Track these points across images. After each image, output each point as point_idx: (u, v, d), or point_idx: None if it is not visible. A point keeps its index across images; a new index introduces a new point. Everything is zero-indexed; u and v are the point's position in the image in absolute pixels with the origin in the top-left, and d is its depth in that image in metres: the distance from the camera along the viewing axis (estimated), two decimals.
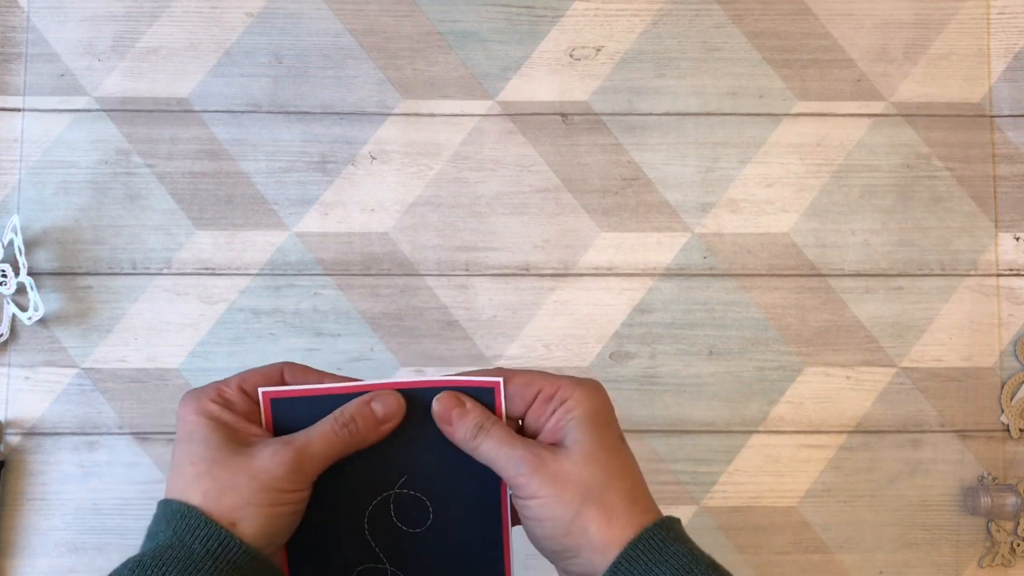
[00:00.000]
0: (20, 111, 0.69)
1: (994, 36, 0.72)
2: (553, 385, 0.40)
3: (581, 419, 0.38)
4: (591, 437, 0.38)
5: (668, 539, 0.37)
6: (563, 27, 0.71)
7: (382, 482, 0.43)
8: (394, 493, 0.43)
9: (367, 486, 0.43)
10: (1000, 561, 0.67)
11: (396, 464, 0.42)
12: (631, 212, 0.70)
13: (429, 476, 0.43)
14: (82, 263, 0.68)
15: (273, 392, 0.40)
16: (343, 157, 0.69)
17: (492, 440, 0.39)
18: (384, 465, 0.42)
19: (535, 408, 0.40)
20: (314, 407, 0.41)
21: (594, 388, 0.40)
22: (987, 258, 0.70)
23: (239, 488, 0.36)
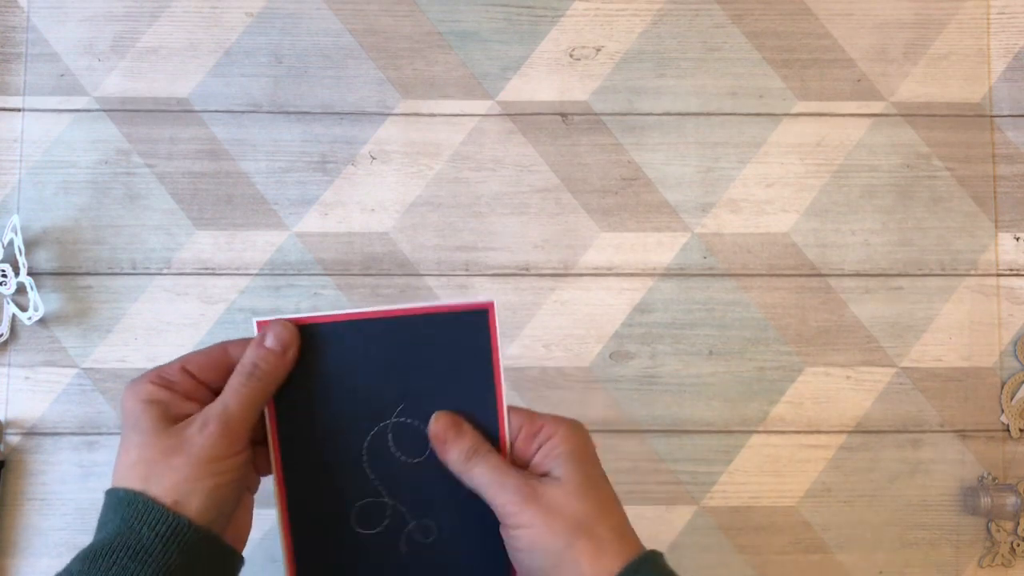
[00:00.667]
0: (20, 111, 0.69)
1: (994, 36, 0.72)
2: (536, 423, 0.40)
3: (567, 455, 0.39)
4: (580, 471, 0.39)
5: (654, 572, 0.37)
6: (563, 27, 0.71)
7: (379, 412, 0.43)
8: (392, 422, 0.43)
9: (364, 417, 0.42)
10: (1000, 561, 0.67)
11: (393, 392, 0.42)
12: (631, 212, 0.70)
13: (426, 403, 0.42)
14: (82, 263, 0.68)
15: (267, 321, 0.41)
16: (343, 157, 0.69)
17: (485, 466, 0.39)
18: (381, 394, 0.42)
19: (520, 443, 0.41)
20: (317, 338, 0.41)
21: (577, 426, 0.41)
22: (987, 258, 0.70)
23: (176, 467, 0.36)
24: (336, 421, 0.43)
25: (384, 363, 0.42)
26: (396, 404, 0.43)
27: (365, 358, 0.43)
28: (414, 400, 0.43)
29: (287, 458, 0.43)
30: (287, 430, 0.42)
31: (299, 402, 0.42)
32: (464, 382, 0.42)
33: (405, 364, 0.42)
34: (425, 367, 0.42)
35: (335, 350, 0.42)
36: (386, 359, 0.42)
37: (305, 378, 0.42)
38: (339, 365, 0.42)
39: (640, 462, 0.68)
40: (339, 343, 0.42)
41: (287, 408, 0.42)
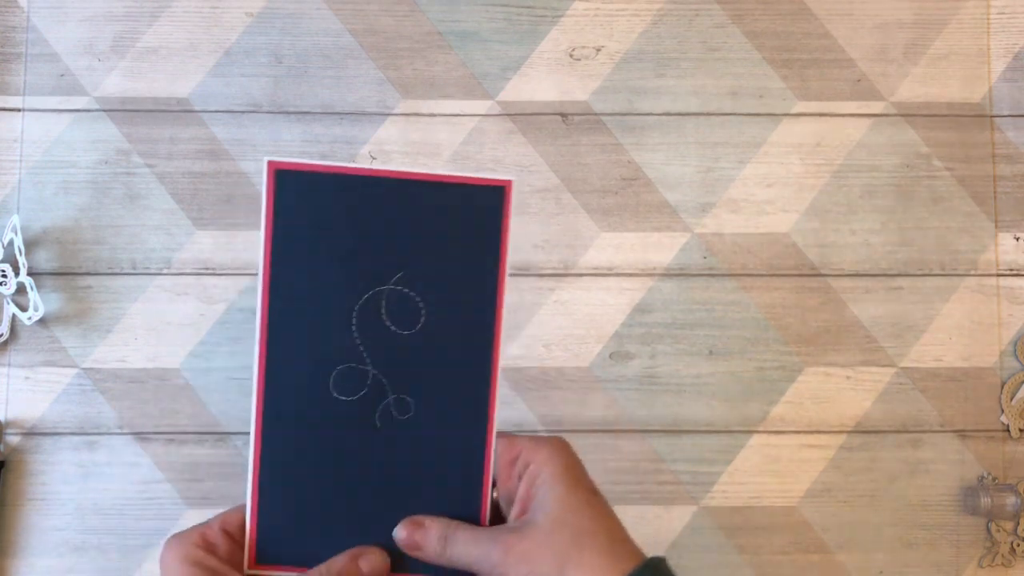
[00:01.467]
0: (20, 111, 0.69)
1: (994, 36, 0.72)
2: (514, 448, 0.40)
3: (549, 482, 0.38)
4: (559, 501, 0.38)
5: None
6: (563, 27, 0.71)
7: (377, 275, 0.41)
8: (387, 289, 0.42)
9: (361, 277, 0.41)
10: (1000, 561, 0.67)
11: (393, 259, 0.41)
12: (631, 212, 0.70)
13: (427, 276, 0.41)
14: (82, 263, 0.68)
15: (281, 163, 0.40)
16: (343, 157, 0.69)
17: (459, 544, 0.39)
18: (381, 258, 0.41)
19: (501, 473, 0.40)
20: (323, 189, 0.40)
21: (557, 446, 0.40)
22: (987, 258, 0.70)
23: None
24: (332, 276, 0.41)
25: (390, 227, 0.41)
26: (396, 271, 0.41)
27: (371, 218, 0.41)
28: (415, 271, 0.41)
29: (274, 303, 0.41)
30: (279, 274, 0.41)
31: (297, 249, 0.41)
32: (468, 263, 0.41)
33: (411, 232, 0.41)
34: (431, 239, 0.41)
35: (342, 203, 0.41)
36: (392, 223, 0.41)
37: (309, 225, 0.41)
38: (344, 220, 0.41)
39: (640, 462, 0.68)
40: (347, 197, 0.41)
41: (283, 253, 0.41)
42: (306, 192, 0.41)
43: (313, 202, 0.41)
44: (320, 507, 0.43)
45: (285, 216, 0.41)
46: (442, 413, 0.42)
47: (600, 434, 0.68)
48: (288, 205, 0.41)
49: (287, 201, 0.41)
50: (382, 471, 0.42)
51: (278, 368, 0.42)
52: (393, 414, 0.42)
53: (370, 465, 0.42)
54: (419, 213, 0.41)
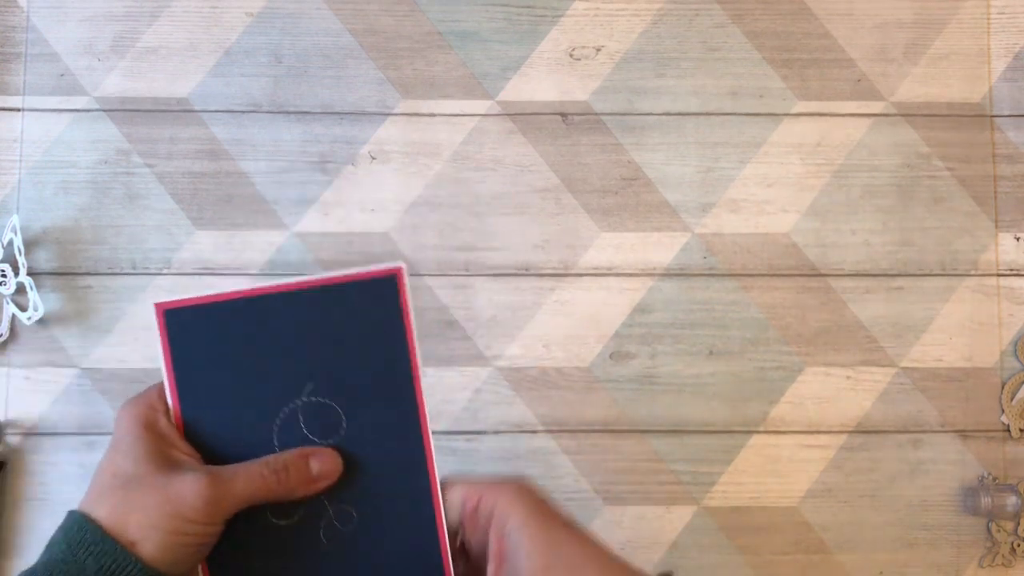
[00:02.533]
0: (20, 111, 0.69)
1: (994, 36, 0.72)
2: (473, 496, 0.38)
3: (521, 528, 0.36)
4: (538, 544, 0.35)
5: None
6: (563, 27, 0.71)
7: (286, 394, 0.40)
8: (301, 403, 0.40)
9: (272, 399, 0.40)
10: (1000, 561, 0.67)
11: (301, 372, 0.40)
12: (631, 212, 0.70)
13: (339, 381, 0.40)
14: (82, 263, 0.68)
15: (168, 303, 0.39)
16: (343, 157, 0.69)
17: None
18: (288, 374, 0.40)
19: (467, 523, 0.38)
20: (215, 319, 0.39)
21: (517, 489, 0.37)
22: (987, 258, 0.70)
23: (148, 509, 0.34)
24: (244, 402, 0.40)
25: (290, 341, 0.40)
26: (305, 383, 0.40)
27: (270, 335, 0.40)
28: (324, 378, 0.40)
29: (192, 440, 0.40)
30: (191, 410, 0.40)
31: (205, 382, 0.40)
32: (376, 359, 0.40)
33: (312, 340, 0.40)
34: (335, 343, 0.40)
35: (238, 330, 0.40)
36: (292, 336, 0.40)
37: (209, 357, 0.40)
38: (243, 345, 0.40)
39: (640, 462, 0.68)
40: (242, 322, 0.40)
41: (191, 389, 0.40)
42: (200, 326, 0.40)
43: (209, 334, 0.40)
44: None
45: (184, 353, 0.40)
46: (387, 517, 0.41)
47: (600, 434, 0.68)
48: (185, 342, 0.40)
49: (183, 338, 0.40)
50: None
51: None
52: (337, 527, 0.41)
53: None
54: (317, 320, 0.40)
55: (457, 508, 0.38)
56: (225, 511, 0.36)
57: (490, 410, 0.68)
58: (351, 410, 0.41)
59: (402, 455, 0.41)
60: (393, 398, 0.41)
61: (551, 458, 0.67)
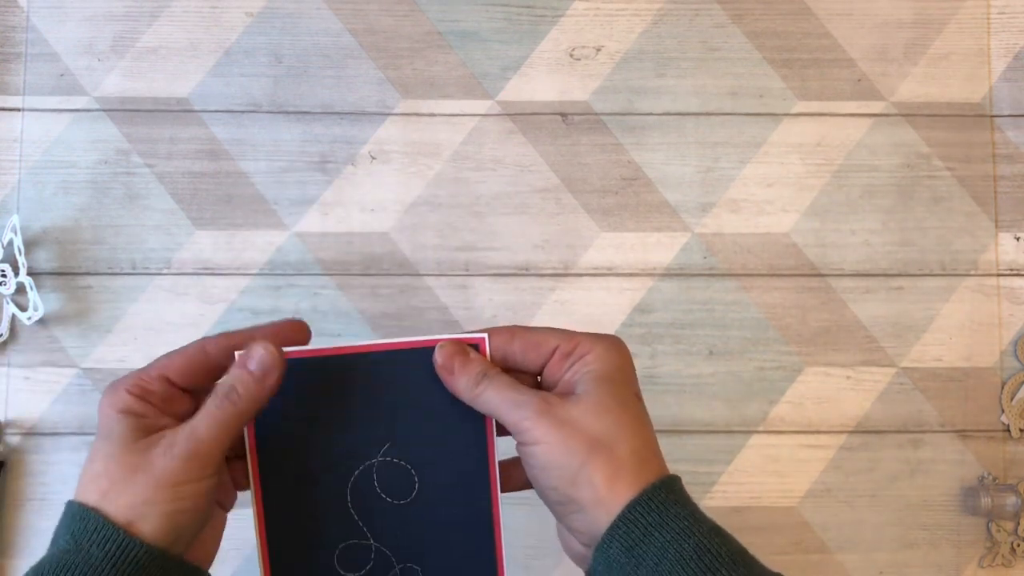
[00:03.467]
0: (20, 111, 0.69)
1: (994, 36, 0.72)
2: (571, 341, 0.39)
3: (597, 373, 0.37)
4: (604, 388, 0.37)
5: (669, 501, 0.36)
6: (563, 27, 0.71)
7: (364, 450, 0.41)
8: (377, 462, 0.41)
9: (349, 455, 0.41)
10: (1000, 561, 0.67)
11: (379, 431, 0.41)
12: (631, 212, 0.70)
13: (414, 443, 0.41)
14: (82, 263, 0.68)
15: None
16: (343, 157, 0.69)
17: (495, 387, 0.38)
18: (367, 432, 0.41)
19: (552, 364, 0.39)
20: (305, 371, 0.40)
21: (614, 345, 0.39)
22: (987, 258, 0.70)
23: (135, 485, 0.35)
24: (320, 458, 0.41)
25: (372, 400, 0.41)
26: (383, 443, 0.41)
27: (353, 394, 0.41)
28: (402, 440, 0.41)
29: (268, 493, 0.41)
30: (268, 464, 0.41)
31: (282, 435, 0.41)
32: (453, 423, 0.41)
33: (393, 401, 0.41)
34: (413, 405, 0.41)
35: (321, 384, 0.41)
36: (374, 395, 0.41)
37: (289, 410, 0.40)
38: (325, 400, 0.41)
39: None
40: (326, 377, 0.41)
41: (269, 441, 0.41)
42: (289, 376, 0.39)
43: (290, 389, 0.40)
44: None
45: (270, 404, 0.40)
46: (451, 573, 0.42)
47: None
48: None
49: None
50: None
51: (281, 553, 0.42)
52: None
53: None
54: (398, 381, 0.41)
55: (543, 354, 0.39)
56: (206, 459, 0.36)
57: None
58: (423, 472, 0.42)
59: (470, 521, 0.42)
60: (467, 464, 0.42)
61: None
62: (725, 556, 0.34)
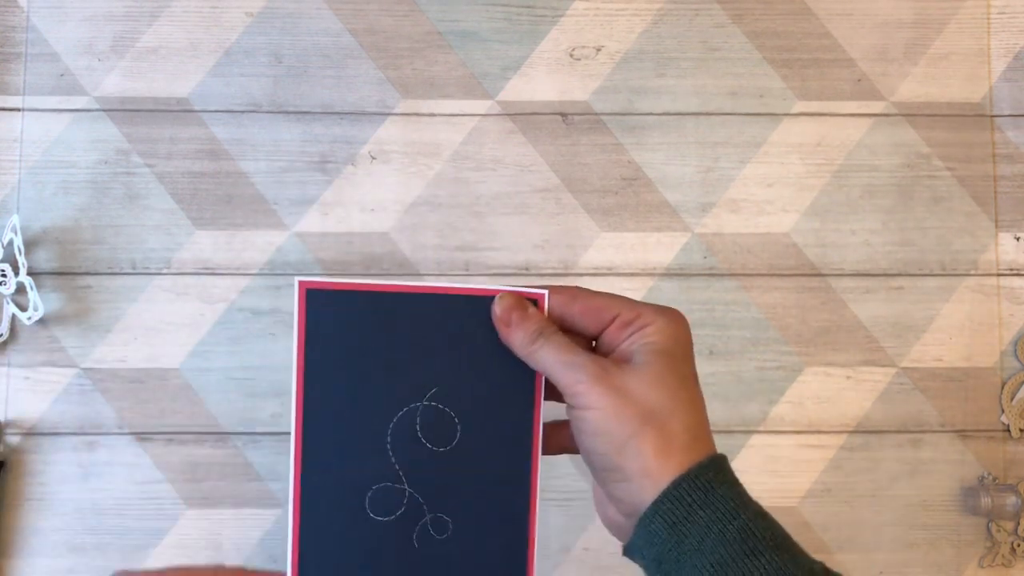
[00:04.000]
0: (20, 111, 0.69)
1: (994, 36, 0.72)
2: (634, 311, 0.38)
3: (657, 345, 0.37)
4: (663, 361, 0.36)
5: (716, 481, 0.35)
6: (563, 27, 0.71)
7: (410, 393, 0.41)
8: (422, 405, 0.41)
9: (394, 396, 0.41)
10: (1000, 561, 0.67)
11: (427, 375, 0.41)
12: (631, 212, 0.70)
13: (461, 391, 0.41)
14: (82, 263, 0.68)
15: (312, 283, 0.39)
16: (343, 157, 0.69)
17: (551, 346, 0.37)
18: (414, 374, 0.40)
19: (611, 331, 0.38)
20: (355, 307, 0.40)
21: (677, 319, 0.38)
22: (987, 258, 0.70)
23: None
24: (365, 395, 0.41)
25: (422, 342, 0.40)
26: (430, 387, 0.41)
27: (403, 334, 0.41)
28: (448, 386, 0.41)
29: (308, 423, 0.41)
30: (312, 393, 0.41)
31: (331, 367, 0.40)
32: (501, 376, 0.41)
33: (443, 347, 0.40)
34: (464, 353, 0.41)
35: (374, 321, 0.40)
36: (424, 338, 0.41)
37: (342, 343, 0.40)
38: (376, 337, 0.41)
39: None
40: (379, 314, 0.40)
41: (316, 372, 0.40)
42: (337, 311, 0.40)
43: (344, 320, 0.40)
44: None
45: (316, 335, 0.41)
46: (481, 531, 0.42)
47: None
48: (319, 324, 0.40)
49: (318, 320, 0.40)
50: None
51: (314, 489, 0.41)
52: (431, 533, 0.42)
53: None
54: (451, 327, 0.41)
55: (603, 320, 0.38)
56: None
57: None
58: (467, 422, 0.41)
59: (508, 478, 0.42)
60: (511, 419, 0.41)
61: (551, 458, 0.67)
62: (768, 540, 0.34)
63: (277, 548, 0.66)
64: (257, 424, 0.67)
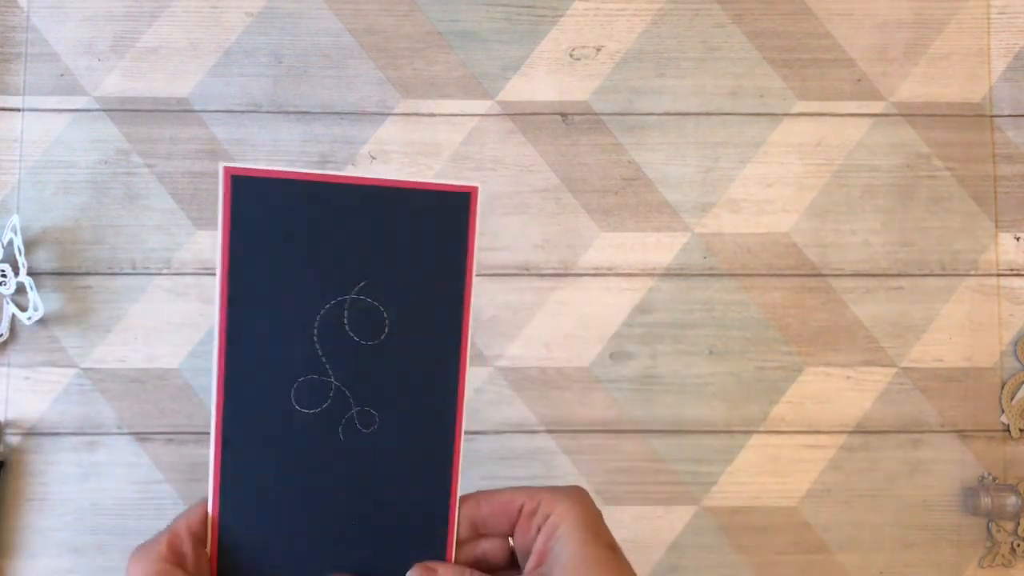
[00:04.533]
0: (20, 111, 0.69)
1: (994, 36, 0.72)
2: (534, 499, 0.39)
3: (566, 536, 0.37)
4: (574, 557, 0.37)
5: None
6: (563, 27, 0.71)
7: (338, 285, 0.40)
8: (350, 298, 0.41)
9: (322, 288, 0.40)
10: (1000, 561, 0.67)
11: (356, 268, 0.40)
12: (631, 212, 0.70)
13: (391, 286, 0.40)
14: (82, 263, 0.68)
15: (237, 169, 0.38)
16: (343, 157, 0.69)
17: None
18: (343, 267, 0.40)
19: (521, 525, 0.39)
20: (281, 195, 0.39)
21: (577, 497, 0.38)
22: (987, 258, 0.70)
23: None
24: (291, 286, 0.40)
25: (352, 235, 0.40)
26: (358, 280, 0.40)
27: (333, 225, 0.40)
28: (378, 280, 0.40)
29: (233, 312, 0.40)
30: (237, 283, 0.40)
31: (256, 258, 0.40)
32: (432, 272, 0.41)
33: (374, 240, 0.40)
34: (396, 247, 0.40)
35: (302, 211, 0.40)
36: (355, 231, 0.40)
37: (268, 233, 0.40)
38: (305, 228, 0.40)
39: (640, 462, 0.68)
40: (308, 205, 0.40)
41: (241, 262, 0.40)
42: (265, 199, 0.39)
43: (272, 209, 0.39)
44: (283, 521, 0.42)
45: (243, 224, 0.40)
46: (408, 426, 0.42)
47: (600, 434, 0.68)
48: (246, 212, 0.40)
49: (245, 208, 0.40)
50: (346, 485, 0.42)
51: (238, 378, 0.41)
52: (357, 427, 0.42)
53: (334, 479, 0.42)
54: (383, 221, 0.40)
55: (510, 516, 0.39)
56: None
57: (490, 410, 0.68)
58: (396, 317, 0.41)
59: (436, 374, 0.41)
60: (440, 316, 0.41)
61: (551, 458, 0.67)
62: None
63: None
64: None
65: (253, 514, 0.41)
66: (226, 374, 0.41)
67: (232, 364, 0.41)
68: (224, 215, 0.40)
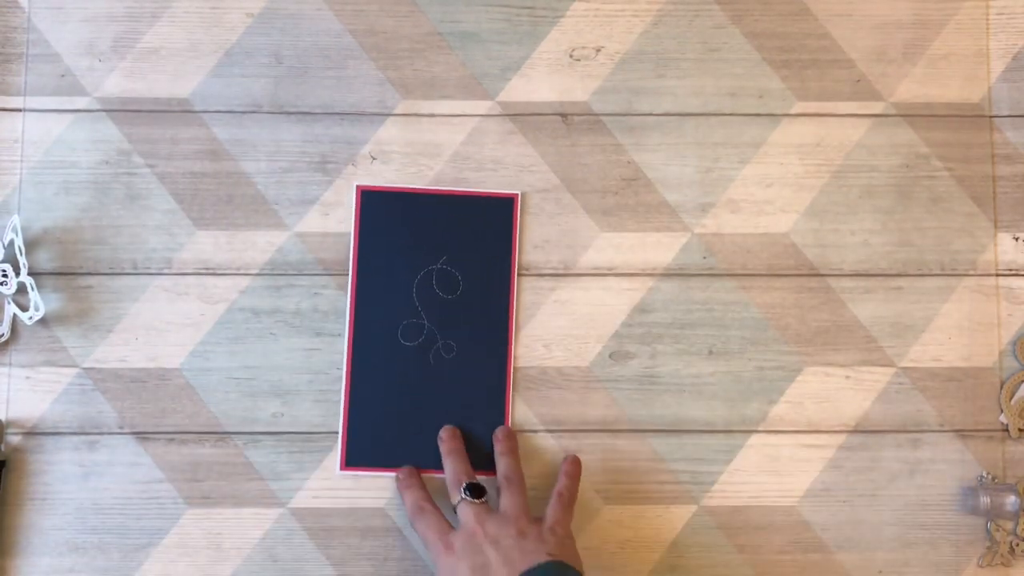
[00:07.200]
0: (21, 111, 0.69)
1: (994, 36, 0.72)
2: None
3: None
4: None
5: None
6: (563, 27, 0.71)
7: (430, 258, 0.66)
8: (437, 268, 0.65)
9: (418, 259, 0.66)
10: (1000, 561, 0.67)
11: (440, 248, 0.66)
12: (631, 212, 0.70)
13: (462, 259, 0.66)
14: (83, 263, 0.68)
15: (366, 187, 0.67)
16: (343, 157, 0.69)
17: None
18: (431, 247, 0.66)
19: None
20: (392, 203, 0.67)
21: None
22: (987, 258, 0.70)
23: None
24: (399, 260, 0.66)
25: (437, 226, 0.66)
26: (442, 255, 0.66)
27: (424, 221, 0.66)
28: (455, 255, 0.66)
29: (361, 280, 0.65)
30: (363, 261, 0.65)
31: (373, 245, 0.66)
32: (490, 250, 0.66)
33: (451, 229, 0.66)
34: (466, 233, 0.66)
35: (404, 212, 0.66)
36: (438, 224, 0.66)
37: (384, 227, 0.66)
38: (406, 222, 0.66)
39: (640, 462, 0.68)
40: (407, 208, 0.66)
41: (365, 247, 0.66)
42: (382, 205, 0.66)
43: (385, 211, 0.66)
44: (392, 421, 0.65)
45: (367, 222, 0.66)
46: (476, 352, 0.66)
47: (600, 434, 0.68)
48: (368, 214, 0.66)
49: (368, 212, 0.66)
50: (435, 393, 0.65)
51: (362, 325, 0.65)
52: (442, 354, 0.65)
53: (427, 390, 0.65)
54: (456, 216, 0.66)
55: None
56: None
57: None
58: (467, 280, 0.66)
59: (494, 317, 0.66)
60: (496, 278, 0.66)
61: (551, 458, 0.68)
62: None
63: (278, 547, 0.66)
64: (257, 424, 0.67)
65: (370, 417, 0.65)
66: (355, 322, 0.65)
67: (360, 314, 0.65)
68: (356, 218, 0.66)
